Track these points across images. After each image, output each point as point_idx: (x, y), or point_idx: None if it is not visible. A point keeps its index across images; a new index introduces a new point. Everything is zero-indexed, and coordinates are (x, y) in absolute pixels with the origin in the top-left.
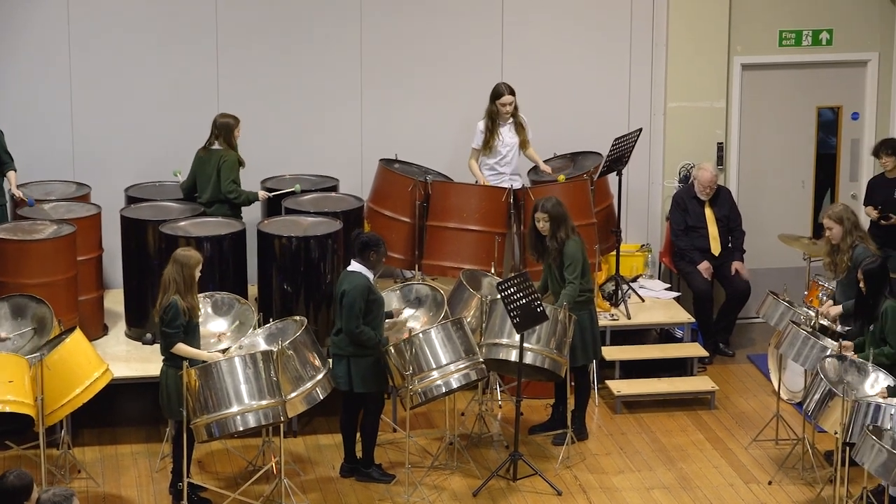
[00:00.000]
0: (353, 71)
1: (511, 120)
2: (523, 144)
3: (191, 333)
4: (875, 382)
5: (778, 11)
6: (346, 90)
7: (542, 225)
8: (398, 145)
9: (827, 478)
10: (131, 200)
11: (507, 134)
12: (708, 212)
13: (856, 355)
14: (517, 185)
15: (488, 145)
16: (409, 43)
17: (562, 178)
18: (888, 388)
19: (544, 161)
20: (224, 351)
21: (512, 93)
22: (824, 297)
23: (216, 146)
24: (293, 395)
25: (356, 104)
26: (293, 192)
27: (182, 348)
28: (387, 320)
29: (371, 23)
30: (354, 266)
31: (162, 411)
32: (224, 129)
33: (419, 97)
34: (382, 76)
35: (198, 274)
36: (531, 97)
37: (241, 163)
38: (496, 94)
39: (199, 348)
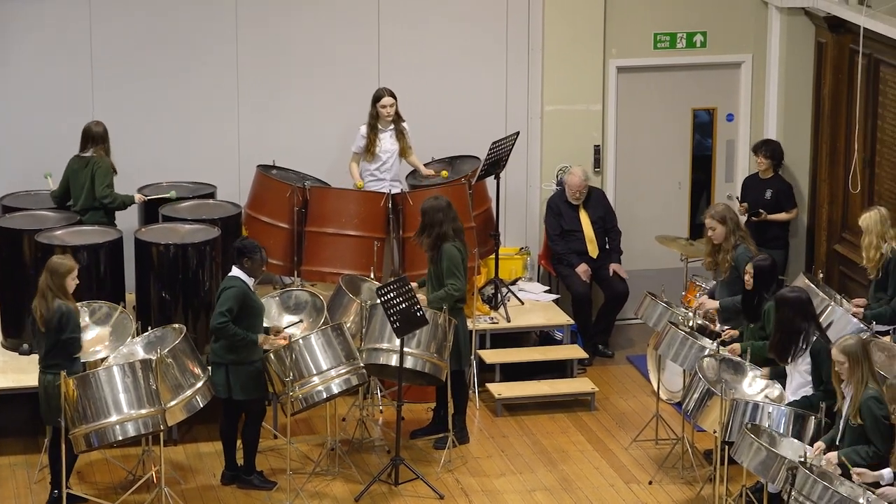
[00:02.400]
0: (230, 77)
1: (392, 126)
2: (404, 151)
3: None
4: (752, 381)
5: (652, 14)
6: (222, 96)
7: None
8: (275, 151)
9: (706, 476)
10: (6, 210)
11: (387, 140)
12: (582, 215)
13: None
14: (396, 190)
15: (370, 150)
16: (285, 49)
17: (445, 173)
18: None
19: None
20: (102, 360)
21: (392, 96)
22: (702, 298)
23: (89, 154)
24: (173, 403)
25: (233, 110)
26: (169, 199)
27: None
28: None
29: (247, 29)
30: (235, 271)
31: (43, 419)
32: (96, 137)
33: (296, 103)
34: (259, 82)
35: (72, 282)
36: (408, 102)
37: (113, 170)
38: (376, 98)
39: None
